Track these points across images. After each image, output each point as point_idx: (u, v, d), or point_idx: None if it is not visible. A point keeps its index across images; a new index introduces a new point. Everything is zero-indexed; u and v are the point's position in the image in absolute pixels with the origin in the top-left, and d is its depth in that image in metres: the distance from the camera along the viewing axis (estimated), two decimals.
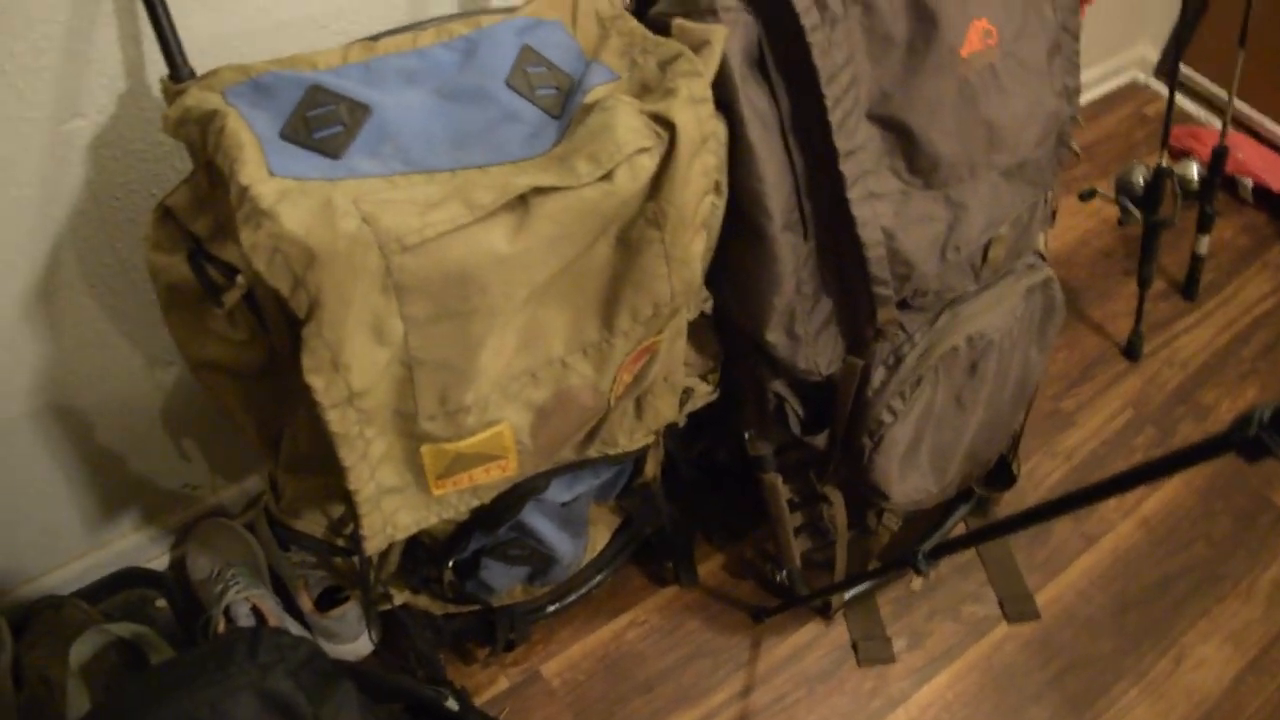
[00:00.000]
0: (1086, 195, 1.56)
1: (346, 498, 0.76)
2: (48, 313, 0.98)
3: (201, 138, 0.76)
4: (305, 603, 1.19)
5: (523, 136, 0.80)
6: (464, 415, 0.77)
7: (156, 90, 0.89)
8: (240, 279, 0.74)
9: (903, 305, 1.06)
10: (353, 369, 0.69)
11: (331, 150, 0.76)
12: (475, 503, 0.84)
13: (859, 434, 1.12)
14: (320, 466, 0.82)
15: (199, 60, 0.84)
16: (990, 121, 0.98)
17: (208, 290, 0.75)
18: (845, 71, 0.90)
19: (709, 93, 0.80)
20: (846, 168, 0.93)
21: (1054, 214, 1.22)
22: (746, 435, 1.19)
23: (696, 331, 1.14)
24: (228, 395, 0.84)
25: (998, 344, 1.12)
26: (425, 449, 0.78)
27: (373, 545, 0.80)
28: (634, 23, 0.88)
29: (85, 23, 0.84)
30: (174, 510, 1.26)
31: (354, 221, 0.68)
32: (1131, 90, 2.23)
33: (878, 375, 1.10)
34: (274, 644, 0.74)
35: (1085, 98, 2.17)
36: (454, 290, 0.71)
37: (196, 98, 0.77)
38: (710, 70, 0.81)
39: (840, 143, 0.92)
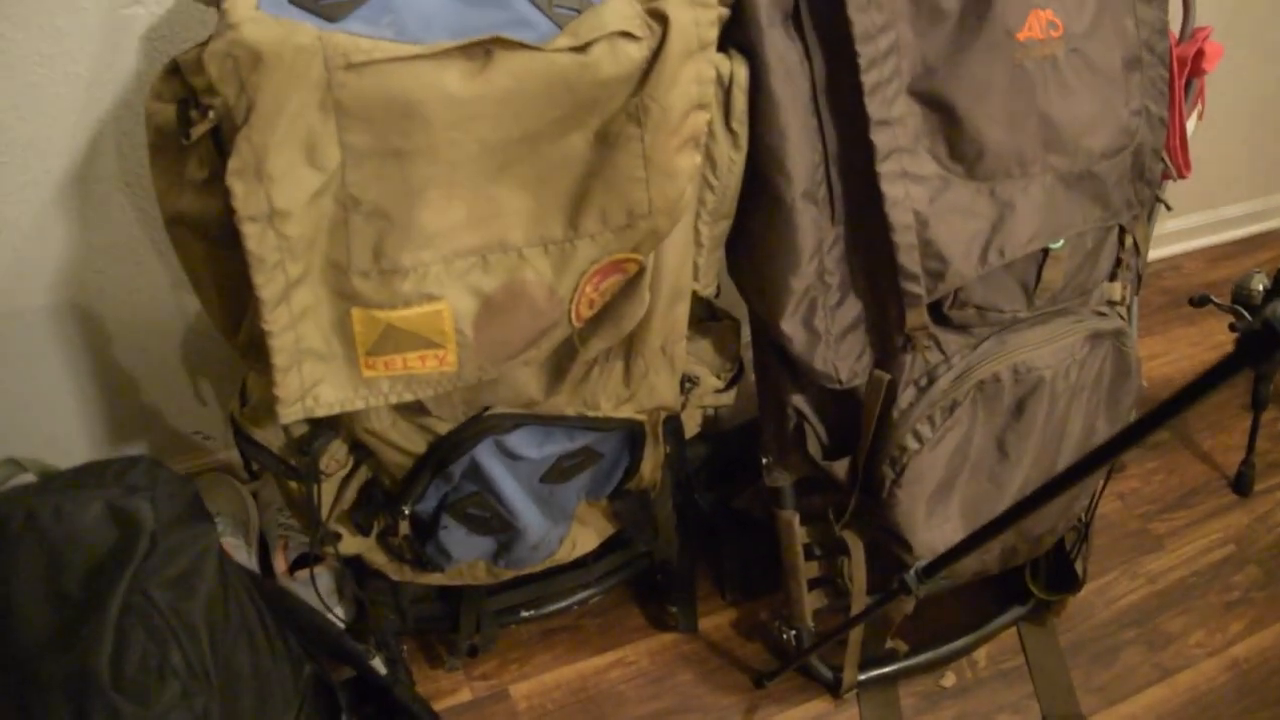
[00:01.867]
0: (1198, 301, 1.43)
1: (262, 346, 0.72)
2: (81, 203, 1.01)
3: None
4: (280, 562, 1.14)
5: (529, 41, 0.78)
6: (400, 279, 0.72)
7: None
8: (211, 114, 0.73)
9: (940, 317, 0.97)
10: (276, 182, 0.67)
11: (329, 14, 0.75)
12: (409, 395, 0.78)
13: (880, 461, 1.01)
14: None
15: None
16: (1047, 116, 0.91)
17: (181, 128, 0.75)
18: (884, 35, 0.86)
19: (715, 3, 0.77)
20: (878, 138, 0.87)
21: (1140, 277, 1.12)
22: (764, 461, 1.10)
23: (718, 332, 1.08)
24: (196, 258, 0.82)
25: (1049, 384, 1.01)
26: (356, 312, 0.73)
27: (288, 413, 0.75)
28: None
29: None
30: (181, 455, 1.25)
31: (309, 37, 0.67)
32: (1275, 238, 2.08)
33: (906, 395, 1.00)
34: (150, 473, 0.70)
35: (1226, 235, 2.03)
36: (396, 122, 0.68)
37: None
38: None
39: (873, 109, 0.87)
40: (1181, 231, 1.98)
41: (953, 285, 0.93)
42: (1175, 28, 1.07)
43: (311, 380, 0.75)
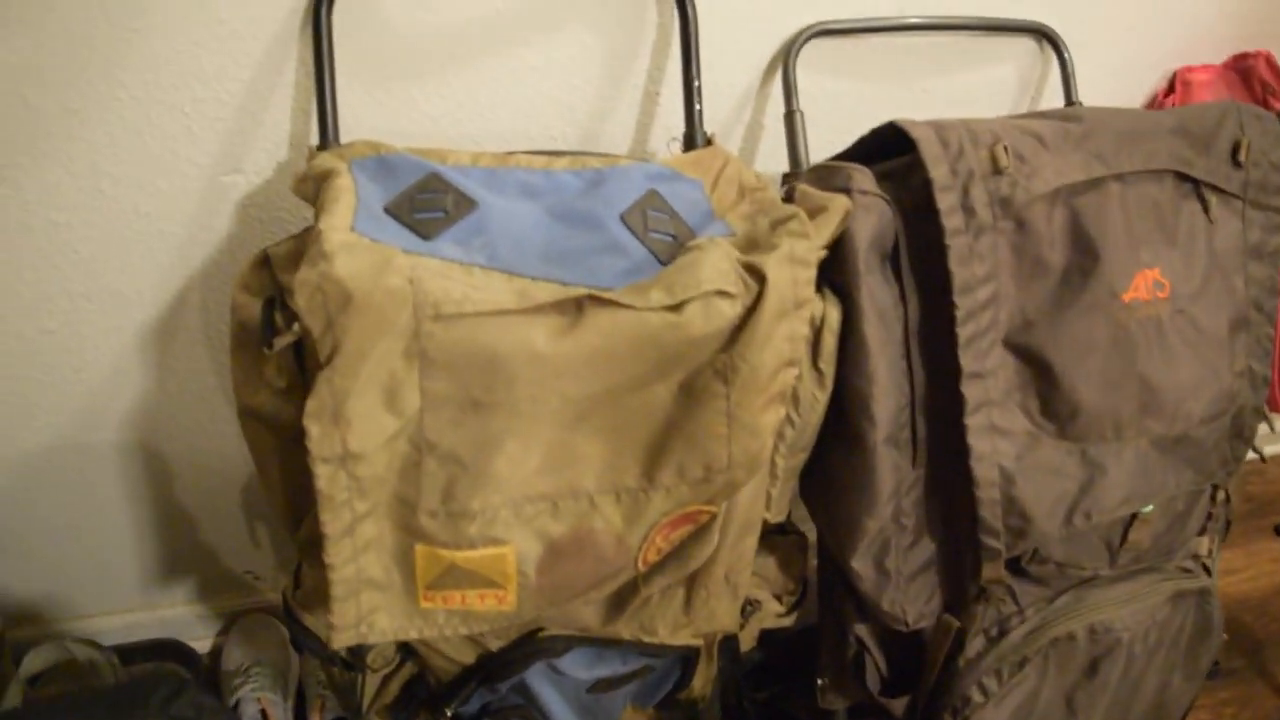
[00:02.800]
0: None
1: (321, 547, 0.70)
2: (161, 353, 1.01)
3: (315, 195, 0.78)
4: None
5: (620, 269, 0.77)
6: (467, 522, 0.71)
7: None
8: (296, 327, 0.73)
9: (1017, 569, 0.93)
10: (353, 426, 0.66)
11: (424, 231, 0.75)
12: (464, 630, 0.76)
13: (942, 709, 0.97)
14: None
15: None
16: (1147, 380, 0.87)
17: (265, 330, 0.74)
18: (984, 286, 0.83)
19: (813, 257, 0.75)
20: (969, 391, 0.84)
21: (1229, 524, 1.07)
22: (819, 682, 1.05)
23: (784, 548, 1.04)
24: (265, 452, 0.82)
25: (1126, 646, 0.96)
26: (419, 549, 0.72)
27: (341, 639, 0.73)
28: (770, 193, 0.85)
29: (266, 88, 0.90)
30: (230, 593, 1.24)
31: (401, 279, 0.66)
32: None
33: (975, 644, 0.95)
34: (194, 702, 0.69)
35: None
36: (480, 375, 0.67)
37: (325, 160, 0.79)
38: (821, 236, 0.77)
39: (966, 361, 0.84)
40: (1268, 435, 1.91)
41: (1034, 544, 0.89)
42: None
43: (368, 608, 0.73)
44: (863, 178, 0.82)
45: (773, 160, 1.09)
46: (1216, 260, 0.92)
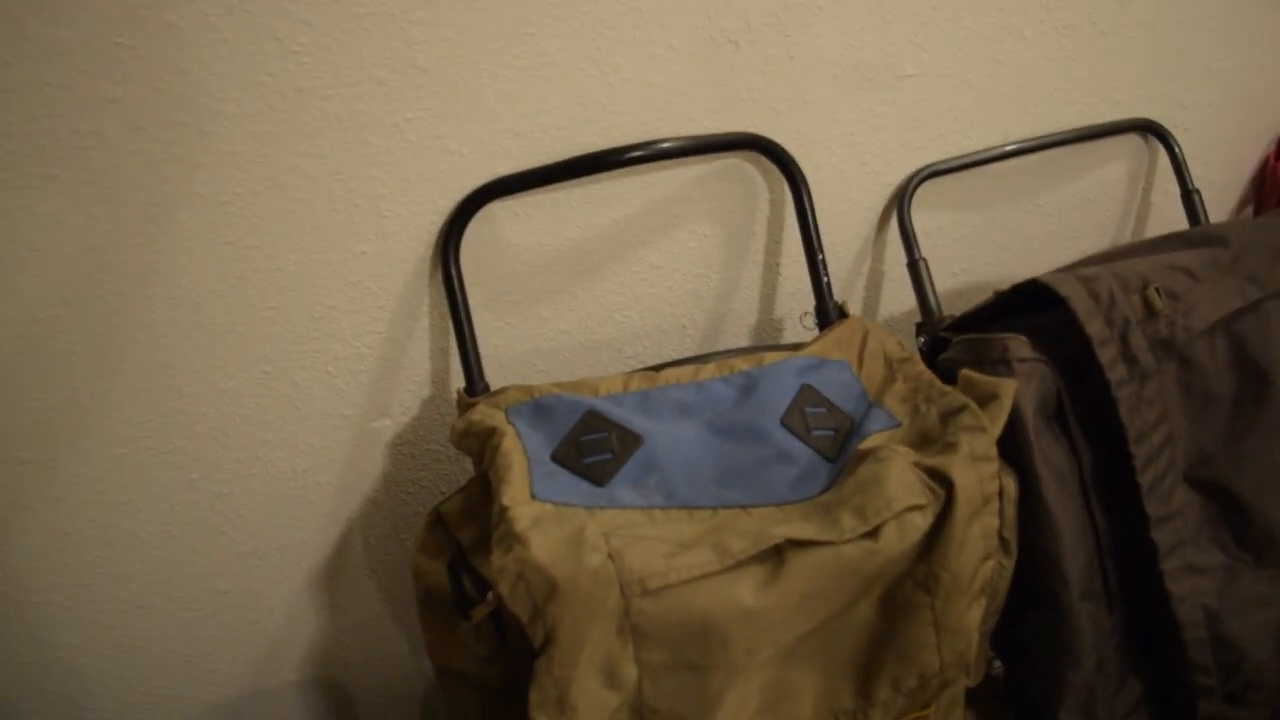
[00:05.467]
0: None
1: None
2: (330, 593, 1.03)
3: (480, 451, 0.79)
4: None
5: (792, 478, 0.77)
6: None
7: (454, 398, 0.95)
8: (490, 596, 0.73)
9: (1231, 698, 0.90)
10: (579, 710, 0.66)
11: (597, 477, 0.76)
12: None
13: None
14: None
15: (497, 373, 0.89)
16: None
17: (458, 601, 0.75)
18: (1158, 430, 0.82)
19: (993, 450, 0.74)
20: (1160, 536, 0.82)
21: None
22: None
23: (980, 697, 1.02)
24: (466, 707, 0.82)
25: None
26: None
27: None
28: (921, 367, 0.85)
29: (403, 334, 0.92)
30: None
31: (599, 557, 0.66)
32: None
33: None
34: None
35: None
36: (694, 641, 0.67)
37: (482, 413, 0.80)
38: (996, 426, 0.76)
39: (1152, 508, 0.82)
40: None
41: (1248, 677, 0.86)
42: None
43: None
44: (1019, 345, 0.81)
45: (896, 304, 1.09)
46: None
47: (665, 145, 0.91)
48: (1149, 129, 1.10)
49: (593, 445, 0.78)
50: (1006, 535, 0.83)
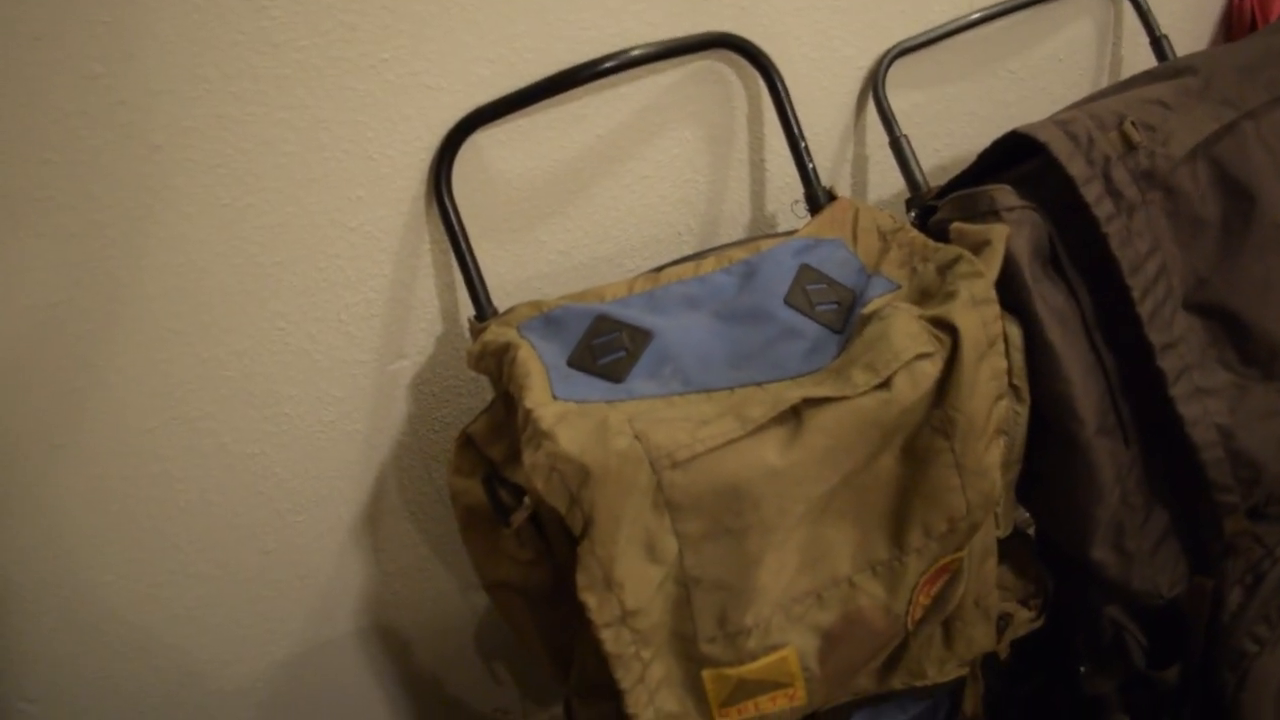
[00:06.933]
0: None
1: (600, 688, 0.73)
2: (373, 538, 1.06)
3: (497, 369, 0.81)
4: None
5: (802, 352, 0.79)
6: (744, 638, 0.73)
7: (466, 330, 0.97)
8: (526, 500, 0.76)
9: (1255, 513, 0.93)
10: (625, 587, 0.68)
11: (614, 375, 0.79)
12: None
13: (1218, 667, 0.96)
14: (609, 691, 0.81)
15: (503, 302, 0.91)
16: None
17: (497, 511, 0.78)
18: (1151, 260, 0.84)
19: (992, 293, 0.76)
20: (1166, 363, 0.84)
21: None
22: (1081, 670, 1.05)
23: (1014, 552, 1.04)
24: (520, 615, 0.85)
25: None
26: (706, 673, 0.74)
27: None
28: (914, 232, 0.87)
29: (408, 275, 0.94)
30: None
31: (626, 439, 0.69)
32: None
33: (1234, 596, 0.95)
34: None
35: None
36: (727, 506, 0.69)
37: (494, 333, 0.83)
38: (992, 270, 0.78)
39: (1155, 336, 0.84)
40: None
41: (1269, 489, 0.89)
42: None
43: None
44: (1005, 195, 0.83)
45: (885, 188, 1.10)
46: None
47: (636, 52, 0.93)
48: None
49: (605, 346, 0.80)
50: (1017, 382, 0.85)
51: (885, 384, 0.71)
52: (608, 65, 0.92)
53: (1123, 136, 0.83)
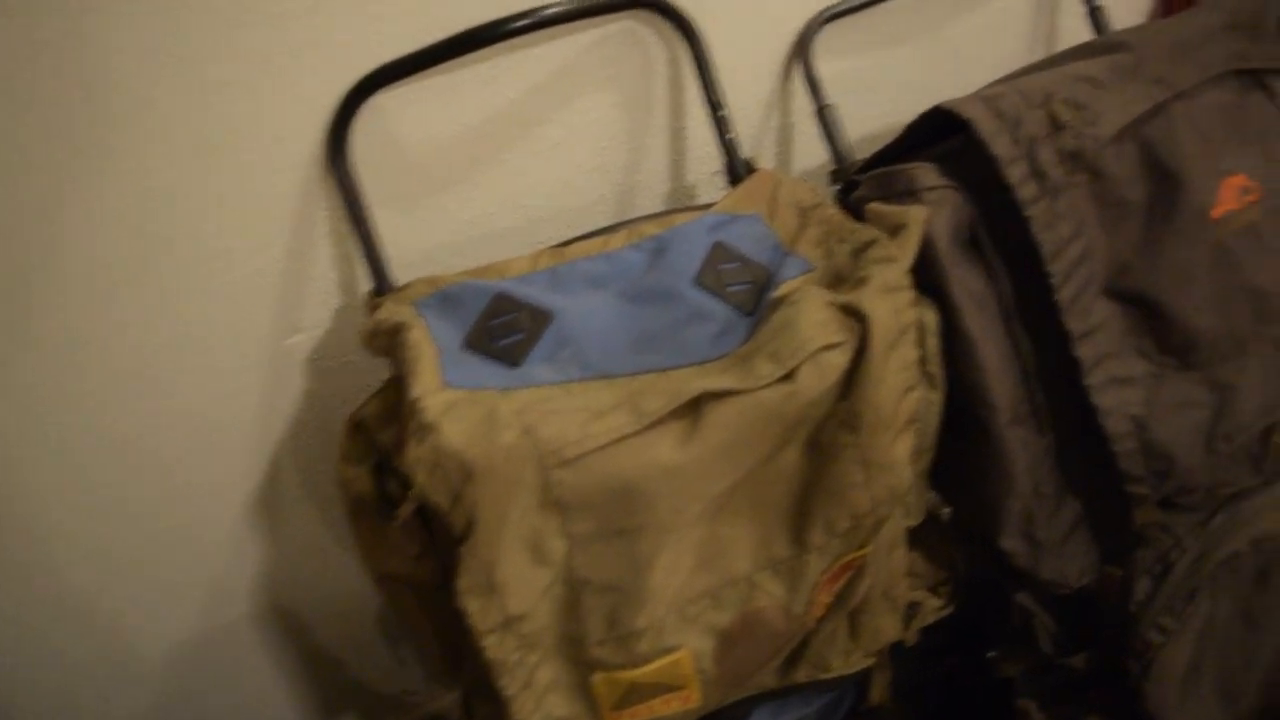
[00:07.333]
0: None
1: (489, 687, 0.70)
2: (270, 521, 1.01)
3: (390, 348, 0.76)
4: None
5: (710, 335, 0.76)
6: (636, 640, 0.70)
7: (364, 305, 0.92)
8: (412, 493, 0.72)
9: (1166, 504, 0.91)
10: (509, 590, 0.65)
11: (510, 358, 0.75)
12: None
13: (1124, 655, 0.96)
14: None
15: (407, 274, 0.86)
16: (1257, 289, 0.85)
17: (382, 503, 0.74)
18: (1073, 245, 0.81)
19: (905, 280, 0.73)
20: (1083, 351, 0.82)
21: None
22: (991, 655, 1.05)
23: (925, 537, 1.02)
24: (409, 609, 0.81)
25: None
26: (597, 677, 0.71)
27: None
28: (833, 210, 0.83)
29: (304, 244, 0.88)
30: (391, 715, 1.25)
31: (513, 434, 0.65)
32: None
33: (1142, 586, 0.94)
34: None
35: None
36: (618, 505, 0.66)
37: (389, 310, 0.78)
38: (907, 255, 0.74)
39: (1073, 324, 0.81)
40: None
41: (1180, 481, 0.87)
42: None
43: None
44: (925, 174, 0.80)
45: (811, 157, 1.06)
46: None
47: (551, 10, 0.87)
48: None
49: (503, 327, 0.76)
50: (931, 369, 0.83)
51: (789, 376, 0.68)
52: (520, 24, 0.86)
53: (1050, 115, 0.80)
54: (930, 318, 0.81)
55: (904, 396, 0.73)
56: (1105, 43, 0.86)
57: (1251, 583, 0.95)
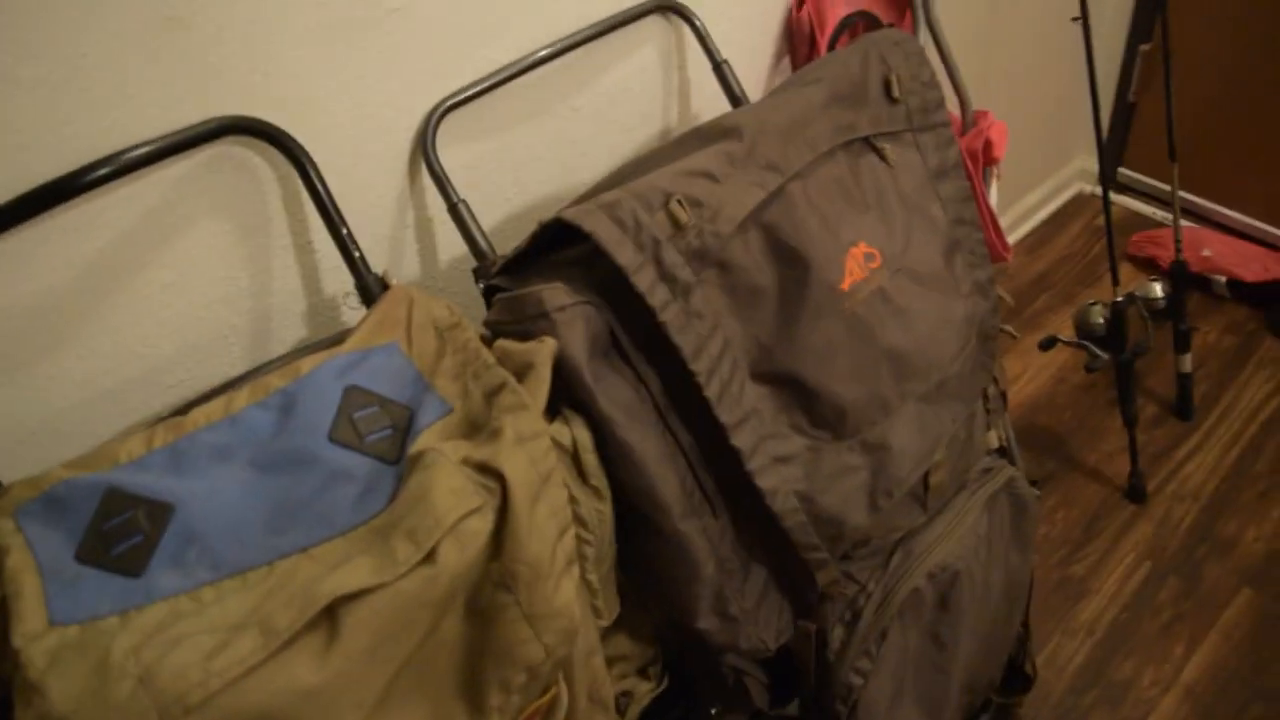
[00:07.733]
0: (1046, 344, 1.45)
1: None
2: None
3: None
4: None
5: (352, 498, 0.71)
6: None
7: None
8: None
9: (845, 557, 0.95)
10: None
11: (130, 568, 0.67)
12: None
13: (832, 701, 0.99)
14: None
15: (16, 456, 0.77)
16: (893, 351, 0.88)
17: None
18: (712, 341, 0.81)
19: (540, 425, 0.71)
20: (739, 440, 0.83)
21: (1004, 395, 1.11)
22: (713, 711, 1.06)
23: (627, 618, 1.02)
24: None
25: (965, 572, 1.00)
26: None
27: None
28: (469, 334, 0.79)
29: None
30: None
31: (129, 684, 0.58)
32: (1079, 203, 2.14)
33: (836, 635, 0.97)
34: None
35: (1032, 221, 2.08)
36: None
37: None
38: (539, 399, 0.72)
39: (725, 416, 0.82)
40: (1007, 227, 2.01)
41: (852, 540, 0.91)
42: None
43: None
44: (554, 294, 0.77)
45: (454, 247, 1.02)
46: (910, 203, 0.92)
47: (134, 154, 0.79)
48: (668, 8, 1.06)
49: (119, 530, 0.68)
50: (595, 482, 0.81)
51: (429, 557, 0.64)
52: (101, 173, 0.78)
53: (670, 217, 0.79)
54: (584, 435, 0.79)
55: (559, 540, 0.71)
56: (719, 127, 0.86)
57: (934, 609, 1.01)
